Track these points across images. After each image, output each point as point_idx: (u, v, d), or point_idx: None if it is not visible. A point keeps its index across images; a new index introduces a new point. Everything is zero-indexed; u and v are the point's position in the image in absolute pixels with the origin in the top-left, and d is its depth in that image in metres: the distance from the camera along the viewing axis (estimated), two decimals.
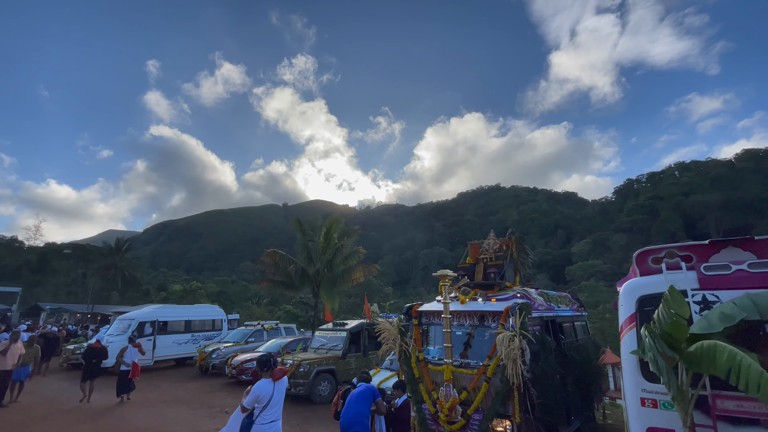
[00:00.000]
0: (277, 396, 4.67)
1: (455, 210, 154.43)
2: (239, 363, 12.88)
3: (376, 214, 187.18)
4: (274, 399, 4.62)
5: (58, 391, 11.54)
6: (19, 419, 8.59)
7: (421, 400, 5.65)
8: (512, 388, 4.92)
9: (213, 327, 18.78)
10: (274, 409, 4.62)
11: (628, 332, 4.29)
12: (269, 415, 4.55)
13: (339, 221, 21.39)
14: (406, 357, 6.09)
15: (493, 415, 4.99)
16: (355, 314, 36.32)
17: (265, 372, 4.72)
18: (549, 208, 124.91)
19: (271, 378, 4.68)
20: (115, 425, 8.23)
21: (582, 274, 68.91)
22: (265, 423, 4.52)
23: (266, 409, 4.53)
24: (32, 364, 10.42)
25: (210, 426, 8.28)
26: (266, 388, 4.56)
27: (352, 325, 11.82)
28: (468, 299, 6.00)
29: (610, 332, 25.01)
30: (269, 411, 4.55)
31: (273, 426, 4.60)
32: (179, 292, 46.88)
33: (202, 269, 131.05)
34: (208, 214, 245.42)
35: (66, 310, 38.94)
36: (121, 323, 16.09)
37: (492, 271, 6.37)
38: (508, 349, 4.83)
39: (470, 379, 5.35)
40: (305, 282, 20.16)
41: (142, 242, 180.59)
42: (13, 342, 9.81)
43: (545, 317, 6.15)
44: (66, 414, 9.12)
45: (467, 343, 5.74)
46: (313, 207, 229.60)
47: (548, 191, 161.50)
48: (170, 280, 68.79)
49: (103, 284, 44.33)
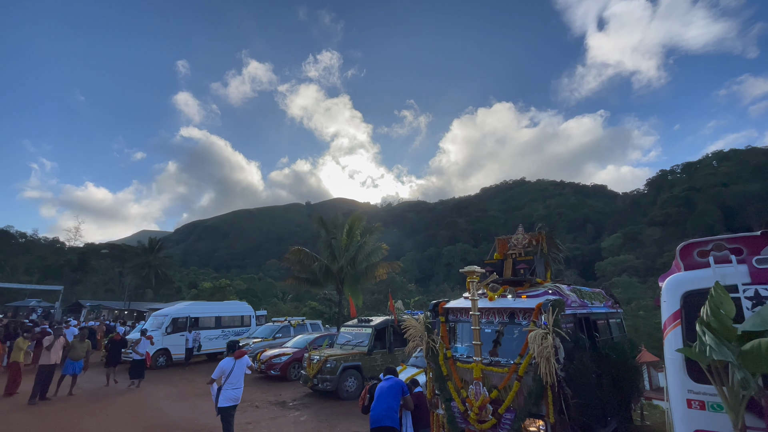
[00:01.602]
0: (237, 370, 6.31)
1: (478, 205, 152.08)
2: (268, 358, 13.16)
3: (397, 211, 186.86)
4: (235, 372, 6.28)
5: (98, 384, 12.15)
6: (62, 412, 9.08)
7: (450, 398, 5.56)
8: (545, 388, 4.76)
9: (242, 323, 19.27)
10: (236, 380, 6.27)
11: (673, 330, 4.06)
12: (232, 383, 6.23)
13: (361, 219, 21.46)
14: (433, 354, 6.01)
15: (525, 414, 4.84)
16: (378, 311, 36.44)
17: (230, 352, 6.57)
18: (577, 202, 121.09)
19: (234, 357, 6.41)
20: (153, 417, 8.56)
21: (613, 270, 66.53)
22: (229, 389, 6.19)
23: (229, 378, 6.21)
24: (85, 359, 10.95)
25: (241, 419, 8.47)
26: (228, 364, 6.32)
27: (377, 321, 11.82)
28: (497, 296, 5.84)
29: (645, 330, 24.01)
30: (231, 380, 6.23)
31: (236, 392, 6.26)
32: (209, 289, 48.43)
33: (230, 267, 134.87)
34: (235, 213, 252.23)
35: (105, 307, 41.03)
36: (156, 319, 16.77)
37: (521, 267, 6.18)
38: (541, 347, 4.67)
39: (500, 377, 5.21)
40: (329, 279, 20.37)
41: (173, 241, 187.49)
42: (56, 338, 10.38)
43: (579, 314, 5.92)
44: (106, 407, 9.56)
45: (497, 340, 5.60)
46: (335, 205, 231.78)
47: (576, 184, 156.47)
48: (200, 277, 71.18)
49: (138, 282, 46.40)
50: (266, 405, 9.80)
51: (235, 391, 6.28)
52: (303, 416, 8.82)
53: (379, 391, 5.46)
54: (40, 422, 8.01)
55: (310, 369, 10.60)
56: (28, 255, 71.00)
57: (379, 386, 5.58)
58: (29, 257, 67.94)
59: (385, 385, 5.51)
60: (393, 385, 5.46)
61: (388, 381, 5.55)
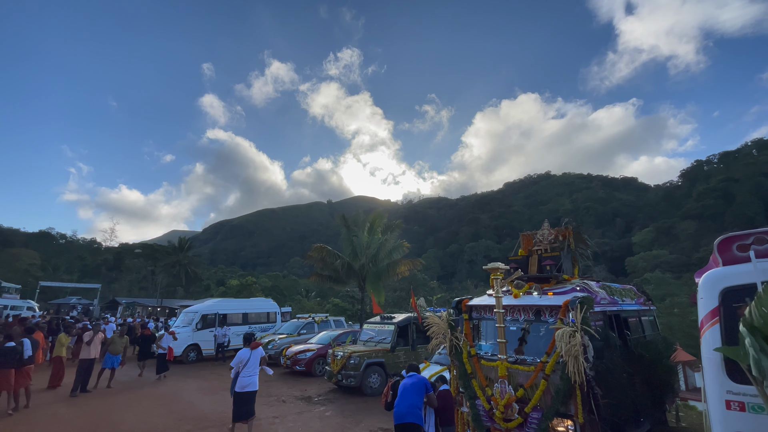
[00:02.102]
0: (253, 359, 7.00)
1: (502, 201, 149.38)
2: (293, 354, 13.41)
3: (418, 208, 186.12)
4: (251, 361, 6.96)
5: (133, 377, 12.73)
6: (101, 404, 9.56)
7: (475, 396, 5.50)
8: (574, 387, 4.63)
9: (268, 319, 19.71)
10: (252, 368, 6.95)
11: (710, 328, 3.86)
12: (248, 371, 6.91)
13: (382, 216, 21.50)
14: (457, 352, 5.95)
15: (553, 413, 4.73)
16: (400, 308, 36.47)
17: (247, 344, 7.24)
18: (605, 196, 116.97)
19: (250, 348, 7.09)
20: (185, 410, 8.89)
21: (645, 266, 63.99)
22: (246, 376, 6.88)
23: (245, 367, 6.91)
24: (123, 354, 11.54)
25: (268, 413, 8.69)
26: (245, 354, 6.98)
27: (400, 318, 11.82)
28: (522, 293, 5.72)
29: (679, 328, 23.02)
30: (248, 369, 6.92)
31: (251, 378, 6.93)
32: (236, 286, 49.80)
33: (256, 265, 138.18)
34: (260, 213, 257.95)
35: (139, 304, 42.90)
36: (187, 316, 17.39)
37: (548, 263, 6.01)
38: (569, 346, 4.54)
39: (527, 375, 5.11)
40: (351, 276, 20.53)
41: (201, 241, 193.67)
42: (95, 334, 10.93)
43: (609, 312, 5.72)
44: (141, 399, 10.00)
45: (522, 338, 5.49)
46: (356, 203, 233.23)
47: (604, 177, 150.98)
48: (228, 275, 73.28)
49: (169, 280, 48.21)
50: (292, 400, 10.00)
51: (251, 378, 6.94)
52: (328, 411, 8.95)
53: (402, 388, 5.48)
54: (81, 414, 8.47)
55: (334, 365, 10.74)
56: (69, 255, 75.13)
57: (403, 383, 5.59)
58: (69, 257, 71.88)
59: (408, 383, 5.52)
60: (416, 382, 5.47)
61: (411, 378, 5.56)
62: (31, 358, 8.68)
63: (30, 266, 60.37)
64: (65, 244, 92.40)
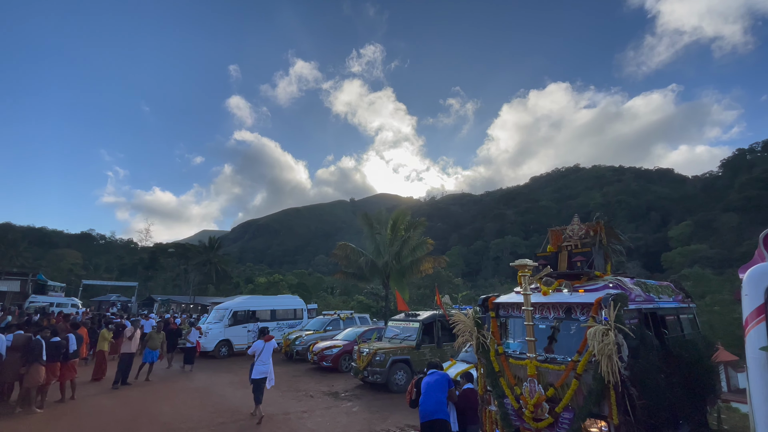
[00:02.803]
0: (266, 350, 7.96)
1: (528, 196, 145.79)
2: (320, 350, 13.64)
3: (441, 205, 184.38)
4: (264, 351, 7.94)
5: (169, 372, 13.31)
6: (140, 396, 10.05)
7: (503, 395, 5.41)
8: (608, 387, 4.48)
9: (295, 316, 20.10)
10: (265, 358, 7.92)
11: (756, 326, 3.63)
12: (262, 360, 7.89)
13: (404, 214, 21.48)
14: (484, 350, 5.87)
15: (586, 414, 4.59)
16: (425, 305, 36.34)
17: (261, 336, 8.25)
18: (639, 188, 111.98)
19: (264, 340, 8.06)
20: (218, 403, 9.23)
21: (682, 261, 60.94)
22: (260, 365, 7.85)
23: (260, 356, 7.90)
24: (160, 349, 12.12)
25: (297, 408, 8.88)
26: (259, 345, 8.01)
27: (425, 316, 11.79)
28: (551, 290, 5.57)
29: (721, 327, 21.81)
30: (262, 358, 7.91)
31: (265, 367, 7.88)
32: (264, 284, 51.08)
33: (282, 263, 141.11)
34: (285, 212, 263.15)
35: (173, 301, 44.77)
36: (218, 312, 18.01)
37: (578, 259, 5.82)
38: (602, 345, 4.39)
39: (557, 375, 4.98)
40: (375, 273, 20.66)
41: (230, 240, 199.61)
42: (135, 329, 11.50)
43: (644, 309, 5.48)
44: (178, 392, 10.45)
45: (552, 336, 5.35)
46: (378, 201, 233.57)
47: (637, 169, 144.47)
48: (256, 273, 75.24)
49: (201, 278, 50.00)
50: (320, 395, 10.18)
51: (265, 366, 7.88)
52: (355, 407, 9.06)
53: (426, 386, 5.50)
54: (122, 405, 8.94)
55: (360, 361, 10.85)
56: (108, 255, 79.27)
57: (425, 381, 5.62)
58: (109, 257, 75.85)
59: (431, 380, 5.55)
60: (439, 379, 5.53)
61: (433, 375, 5.61)
62: (76, 352, 9.24)
63: (73, 266, 64.15)
64: (105, 244, 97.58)
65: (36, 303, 31.48)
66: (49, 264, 60.77)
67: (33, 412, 7.86)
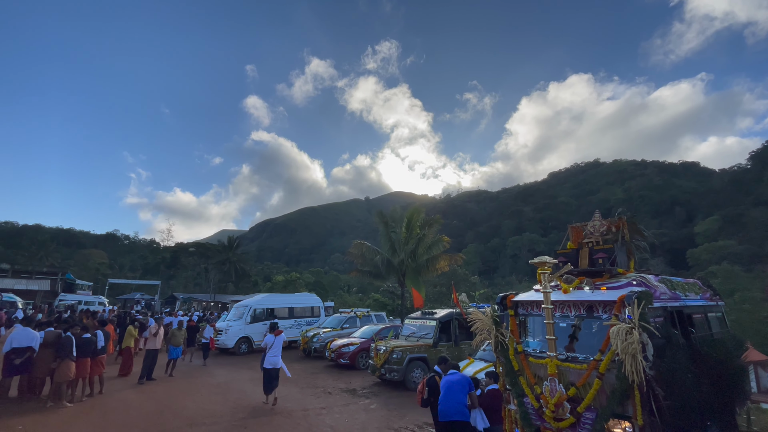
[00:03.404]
0: (277, 343, 8.83)
1: (546, 192, 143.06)
2: (337, 347, 13.75)
3: (457, 202, 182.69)
4: (275, 344, 8.80)
5: (190, 367, 13.65)
6: (164, 391, 10.33)
7: (523, 394, 5.34)
8: (632, 387, 4.36)
9: (312, 313, 20.31)
10: (276, 350, 8.78)
11: None
12: (273, 352, 8.75)
13: (419, 212, 21.35)
14: (502, 348, 5.80)
15: (609, 414, 4.48)
16: (441, 303, 36.15)
17: (272, 331, 9.12)
18: (662, 183, 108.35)
19: (274, 334, 8.93)
20: (239, 398, 9.41)
21: (709, 258, 58.75)
22: (270, 356, 8.69)
23: (271, 349, 8.76)
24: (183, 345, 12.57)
25: (315, 404, 8.98)
26: (270, 338, 8.88)
27: (442, 314, 11.73)
28: (572, 288, 5.45)
29: (751, 325, 20.94)
30: (273, 350, 8.76)
31: (275, 358, 8.72)
32: (282, 282, 51.83)
33: (299, 261, 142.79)
34: (301, 211, 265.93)
35: (195, 299, 45.90)
36: (237, 310, 18.35)
37: (600, 256, 5.66)
38: (625, 343, 4.27)
39: (578, 374, 4.87)
40: (391, 272, 20.63)
41: (248, 239, 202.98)
42: (159, 326, 11.82)
43: (670, 307, 5.31)
44: (200, 388, 10.70)
45: (573, 335, 5.23)
46: (393, 199, 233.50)
47: (661, 163, 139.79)
48: (273, 271, 76.41)
49: (220, 276, 51.06)
50: (338, 392, 10.26)
51: (275, 357, 8.75)
52: (373, 404, 9.09)
53: (446, 386, 5.47)
54: (147, 400, 9.21)
55: (377, 359, 10.88)
56: (132, 254, 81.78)
57: (445, 380, 5.59)
58: (133, 256, 78.24)
59: (452, 380, 5.51)
60: (460, 380, 5.50)
61: (454, 376, 5.57)
62: (104, 348, 9.58)
63: (100, 265, 66.48)
64: (129, 244, 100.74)
65: (65, 301, 32.77)
66: (77, 264, 63.16)
67: (63, 406, 8.18)
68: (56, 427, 7.09)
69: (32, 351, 8.44)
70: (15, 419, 7.33)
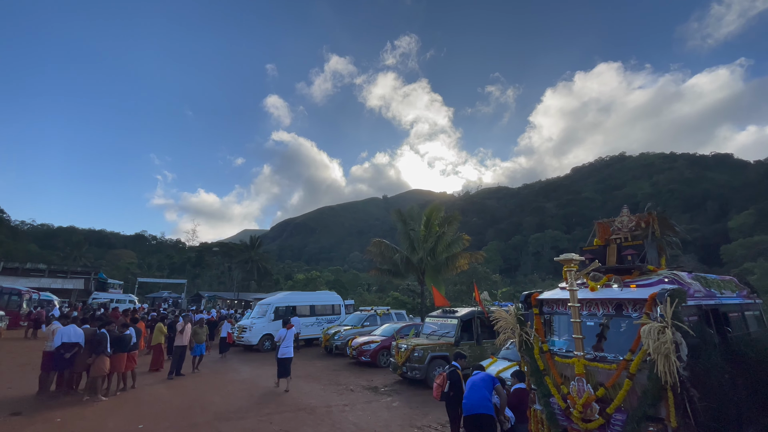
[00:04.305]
0: (288, 336, 10.20)
1: (569, 187, 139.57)
2: (359, 345, 13.84)
3: (476, 199, 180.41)
4: (287, 337, 10.16)
5: (216, 364, 14.02)
6: (192, 386, 10.66)
7: (549, 394, 5.23)
8: (665, 388, 4.21)
9: (332, 311, 20.51)
10: (288, 342, 10.15)
11: None
12: (286, 344, 10.12)
13: (438, 209, 21.22)
14: (527, 347, 5.70)
15: (640, 416, 4.34)
16: (462, 302, 35.84)
17: (285, 325, 10.59)
18: (694, 176, 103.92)
19: (286, 328, 10.33)
20: (264, 394, 9.61)
21: (745, 254, 56.04)
22: (283, 347, 10.06)
23: (284, 341, 10.13)
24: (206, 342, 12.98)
25: (338, 401, 9.07)
26: (282, 332, 10.29)
27: (464, 312, 11.63)
28: (600, 286, 5.30)
29: None
30: (285, 342, 10.13)
31: (288, 348, 10.10)
32: (302, 280, 52.57)
33: (319, 260, 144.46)
34: (320, 210, 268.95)
35: (219, 297, 47.10)
36: (261, 308, 18.72)
37: (628, 252, 5.47)
38: (658, 343, 4.12)
39: (607, 374, 4.74)
40: (410, 270, 20.61)
41: (270, 238, 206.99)
42: (186, 323, 12.20)
43: (704, 306, 5.10)
44: (227, 383, 10.98)
45: (601, 334, 5.10)
46: (411, 197, 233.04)
47: (691, 155, 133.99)
48: (294, 270, 77.57)
49: (243, 275, 52.28)
50: (360, 389, 10.33)
51: (287, 348, 10.06)
52: (395, 402, 9.11)
53: (471, 383, 5.51)
54: (177, 394, 9.53)
55: (398, 357, 10.89)
56: (159, 254, 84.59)
57: (471, 380, 5.64)
58: (160, 256, 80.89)
59: (476, 378, 5.55)
60: (485, 377, 5.56)
61: (478, 375, 5.63)
62: (136, 344, 9.96)
63: (129, 265, 69.06)
64: (156, 244, 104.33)
65: (98, 299, 34.24)
66: (108, 263, 65.87)
67: (99, 400, 8.55)
68: (92, 419, 7.42)
69: (79, 347, 8.88)
70: (54, 411, 7.72)
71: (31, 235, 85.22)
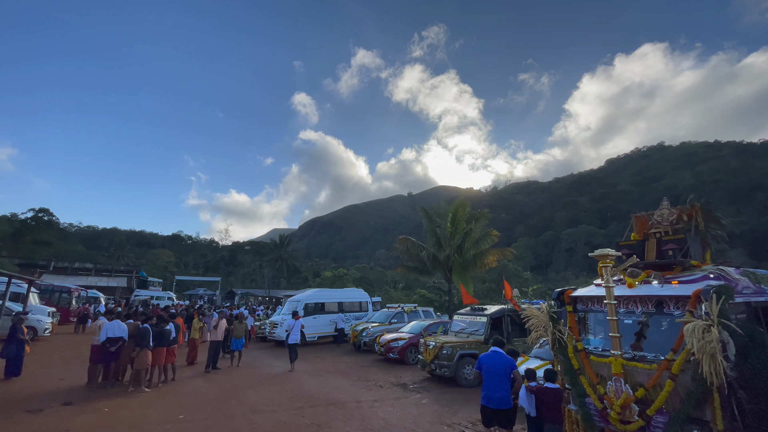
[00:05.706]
0: (296, 326, 12.42)
1: (603, 180, 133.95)
2: (386, 342, 13.91)
3: (504, 195, 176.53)
4: (296, 327, 12.36)
5: (251, 358, 14.48)
6: (227, 380, 11.06)
7: (584, 394, 5.07)
8: (710, 389, 3.98)
9: (360, 308, 20.72)
10: (296, 331, 12.39)
11: None
12: (294, 333, 12.35)
13: (464, 205, 20.91)
14: (561, 346, 5.54)
15: (683, 418, 4.13)
16: (491, 299, 35.25)
17: (294, 317, 12.92)
18: (740, 165, 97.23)
19: (294, 319, 12.53)
20: (296, 389, 9.85)
21: None
22: (292, 335, 12.30)
23: (293, 330, 12.32)
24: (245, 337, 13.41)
25: (368, 397, 9.17)
26: (291, 322, 12.58)
27: (493, 310, 11.44)
28: (638, 282, 5.07)
29: None
30: (294, 331, 12.35)
31: (295, 337, 12.36)
32: (330, 277, 53.35)
33: (345, 258, 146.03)
34: (346, 209, 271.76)
35: (251, 294, 48.64)
36: (291, 304, 19.19)
37: (669, 247, 5.19)
38: (703, 342, 3.90)
39: (647, 374, 4.53)
40: (437, 267, 20.43)
41: (298, 237, 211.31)
42: (220, 319, 12.68)
43: (754, 303, 4.77)
44: (258, 378, 11.33)
45: (640, 332, 4.87)
46: (437, 193, 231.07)
47: (737, 143, 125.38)
48: (322, 267, 78.78)
49: (274, 273, 53.69)
50: (389, 386, 10.39)
51: (295, 336, 12.34)
52: (424, 399, 9.11)
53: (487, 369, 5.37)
54: (214, 387, 9.93)
55: (426, 354, 10.86)
56: (194, 253, 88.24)
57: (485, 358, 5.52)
58: (195, 255, 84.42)
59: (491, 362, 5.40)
60: (502, 365, 5.37)
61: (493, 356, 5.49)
62: (175, 339, 10.46)
63: (167, 263, 72.46)
64: (191, 244, 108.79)
65: (140, 296, 36.16)
66: (148, 262, 69.30)
67: (142, 391, 9.06)
68: (136, 409, 7.86)
69: (123, 341, 9.44)
70: (102, 402, 8.23)
71: (78, 236, 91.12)
